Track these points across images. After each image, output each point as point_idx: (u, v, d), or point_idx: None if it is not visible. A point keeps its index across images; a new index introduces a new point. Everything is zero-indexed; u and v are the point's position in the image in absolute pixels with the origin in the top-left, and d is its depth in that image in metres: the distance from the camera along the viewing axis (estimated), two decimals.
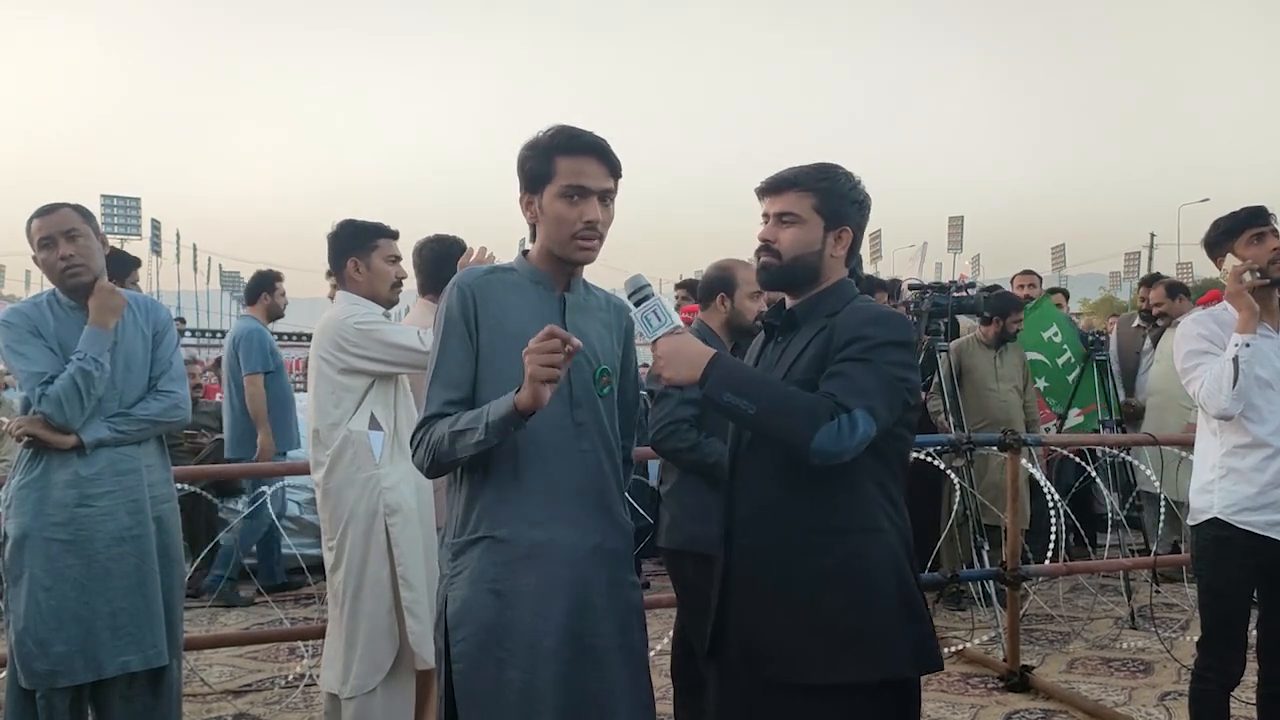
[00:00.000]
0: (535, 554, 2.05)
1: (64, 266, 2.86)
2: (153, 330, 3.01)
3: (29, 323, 2.88)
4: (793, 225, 2.10)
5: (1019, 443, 4.56)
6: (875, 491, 2.01)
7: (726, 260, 3.48)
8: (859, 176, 2.16)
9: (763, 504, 2.06)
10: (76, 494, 2.81)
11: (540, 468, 2.07)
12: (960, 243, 60.16)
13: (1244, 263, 2.90)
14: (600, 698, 2.05)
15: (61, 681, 2.79)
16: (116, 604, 2.83)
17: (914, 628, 2.01)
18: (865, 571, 1.98)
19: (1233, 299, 2.90)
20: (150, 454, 2.98)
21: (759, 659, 2.02)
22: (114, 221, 49.10)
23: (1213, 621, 3.01)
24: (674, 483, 3.26)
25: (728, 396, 1.94)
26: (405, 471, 3.07)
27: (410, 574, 3.07)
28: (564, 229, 2.09)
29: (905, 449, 2.12)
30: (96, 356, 2.82)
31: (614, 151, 2.12)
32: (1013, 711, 4.07)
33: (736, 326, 3.33)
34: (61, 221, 2.88)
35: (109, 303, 2.87)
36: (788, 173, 2.14)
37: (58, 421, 2.79)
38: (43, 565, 2.79)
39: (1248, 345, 2.84)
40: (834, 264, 2.13)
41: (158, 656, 2.89)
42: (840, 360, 1.97)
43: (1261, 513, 2.89)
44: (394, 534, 3.06)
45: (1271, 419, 2.90)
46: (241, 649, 4.76)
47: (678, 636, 3.42)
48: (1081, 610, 5.50)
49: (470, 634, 2.04)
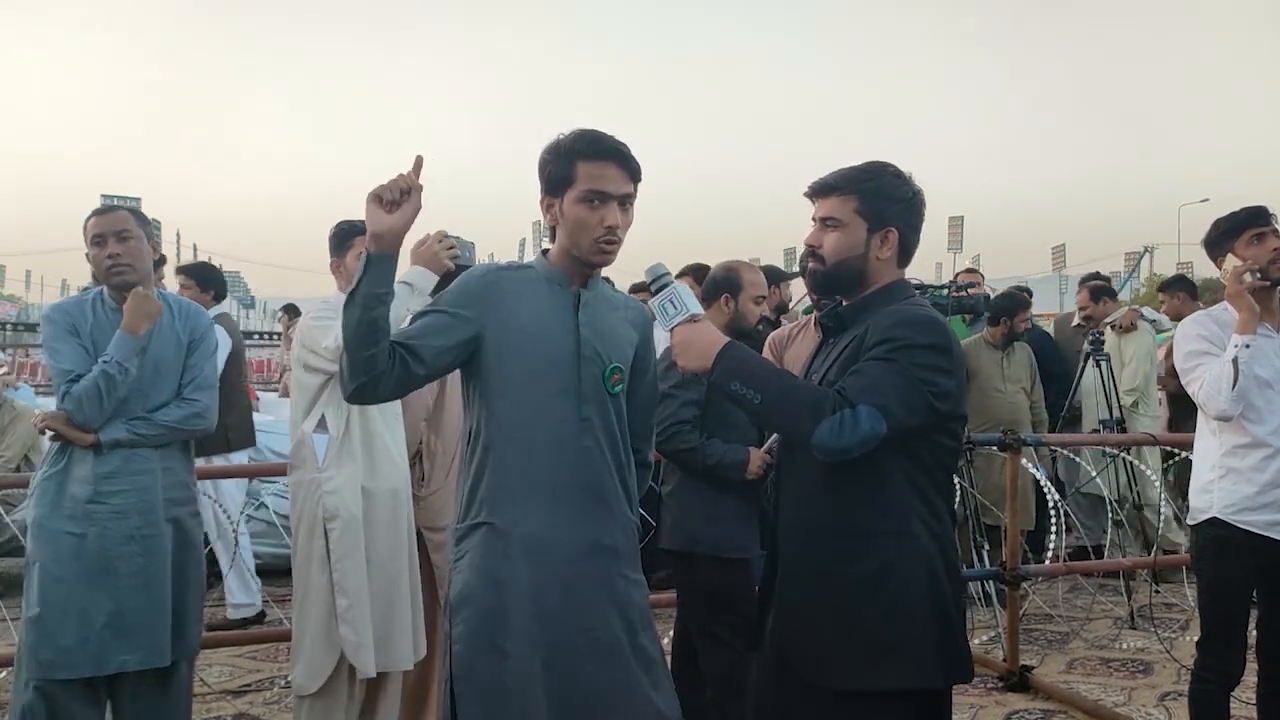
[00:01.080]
0: (533, 547, 2.08)
1: (110, 264, 2.94)
2: (189, 337, 3.05)
3: (68, 320, 2.96)
4: (835, 229, 2.09)
5: (1019, 443, 4.56)
6: (910, 496, 1.99)
7: (734, 262, 3.48)
8: (908, 173, 2.13)
9: (802, 506, 2.07)
10: (91, 490, 2.87)
11: (542, 461, 2.10)
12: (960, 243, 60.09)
13: (1244, 263, 2.89)
14: (597, 693, 2.06)
15: (61, 673, 2.82)
16: (121, 602, 2.85)
17: (945, 637, 1.99)
18: (899, 578, 1.97)
19: (1233, 300, 2.89)
20: (171, 457, 3.01)
21: (795, 660, 2.03)
22: None
23: (1212, 621, 3.01)
24: (675, 484, 3.26)
25: (735, 385, 1.95)
26: (348, 477, 3.02)
27: (346, 581, 3.00)
28: (585, 234, 2.11)
29: (946, 456, 2.06)
30: (122, 361, 2.86)
31: (634, 156, 2.14)
32: (1012, 711, 4.07)
33: (738, 329, 3.33)
34: (116, 222, 2.97)
35: (143, 308, 2.92)
36: (830, 177, 2.13)
37: (78, 420, 2.86)
38: (53, 556, 2.85)
39: (1247, 346, 2.84)
40: (881, 266, 2.10)
41: (158, 657, 2.90)
42: (865, 359, 1.97)
43: (1261, 512, 2.90)
44: (331, 540, 3.00)
45: (1271, 419, 2.90)
46: (241, 649, 4.76)
47: (678, 637, 3.42)
48: (1081, 610, 5.50)
49: (469, 616, 2.07)
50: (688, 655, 3.30)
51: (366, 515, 3.05)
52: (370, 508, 3.06)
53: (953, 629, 2.01)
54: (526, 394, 2.10)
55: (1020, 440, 4.57)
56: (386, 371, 1.98)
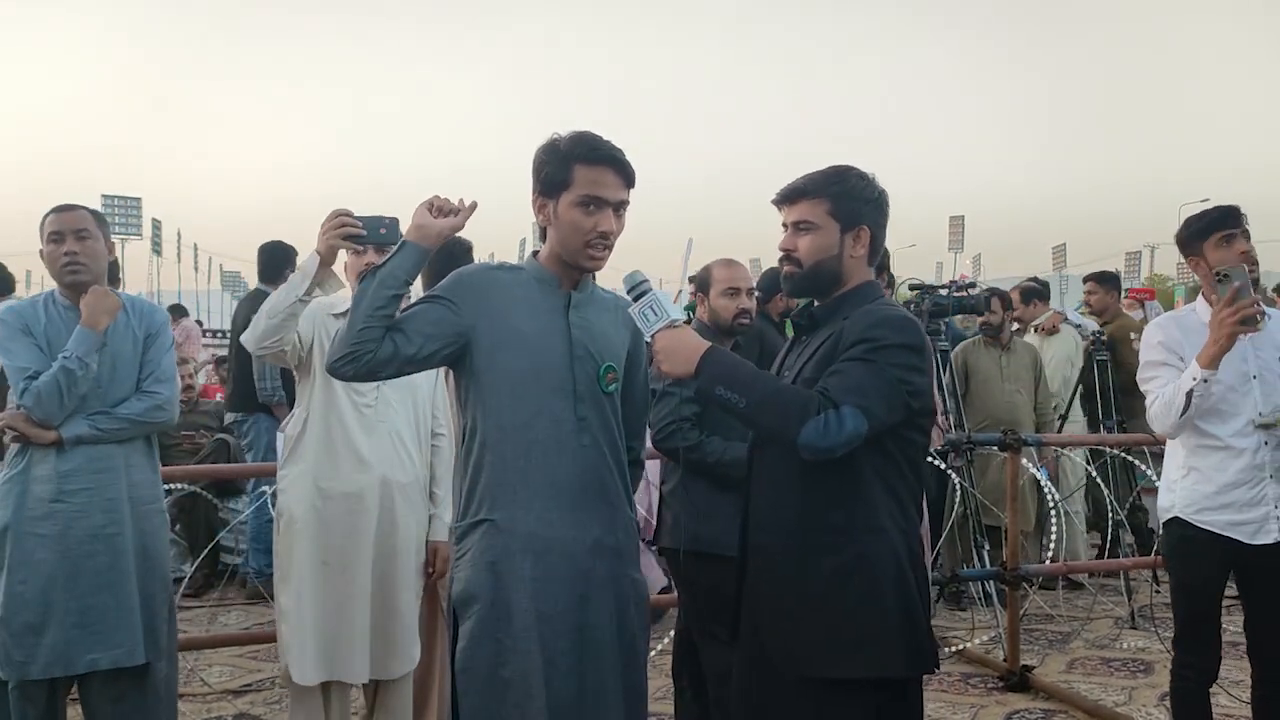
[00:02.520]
0: (534, 545, 2.08)
1: (66, 262, 2.91)
2: (145, 332, 3.03)
3: (20, 320, 2.93)
4: (809, 232, 2.14)
5: (1019, 443, 4.56)
6: (881, 492, 2.05)
7: (715, 260, 3.50)
8: (872, 174, 2.18)
9: (776, 502, 2.12)
10: (53, 489, 2.85)
11: (541, 461, 2.10)
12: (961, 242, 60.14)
13: (1250, 299, 2.72)
14: (595, 691, 2.08)
15: (33, 673, 2.82)
16: (86, 600, 2.84)
17: (910, 629, 2.05)
18: (870, 572, 2.03)
19: (1218, 328, 2.74)
20: (134, 454, 2.98)
21: (768, 650, 2.08)
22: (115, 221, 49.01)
23: (1185, 619, 3.02)
24: (676, 482, 3.25)
25: (720, 390, 1.98)
26: (296, 476, 3.02)
27: (288, 581, 3.01)
28: (577, 237, 2.12)
29: (915, 452, 2.13)
30: (82, 356, 2.84)
31: (630, 162, 2.15)
32: (1013, 711, 4.07)
33: (715, 325, 3.34)
34: (75, 221, 2.94)
35: (102, 304, 2.90)
36: (799, 182, 2.18)
37: (38, 417, 2.84)
38: (19, 558, 2.84)
39: (1205, 381, 2.77)
40: (854, 264, 2.16)
41: (127, 656, 2.88)
42: (844, 359, 2.01)
43: (1221, 512, 2.90)
44: (279, 537, 3.05)
45: (1234, 420, 2.89)
46: (241, 649, 4.75)
47: (679, 636, 3.42)
48: (1081, 610, 5.50)
49: (472, 612, 2.07)
50: (689, 655, 3.30)
51: (321, 517, 3.00)
52: (329, 510, 3.00)
53: (917, 621, 2.07)
54: (523, 392, 2.10)
55: (1020, 440, 4.57)
56: (375, 348, 2.02)
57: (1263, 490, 2.87)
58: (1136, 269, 61.85)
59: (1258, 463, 2.87)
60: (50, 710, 2.90)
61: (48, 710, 2.89)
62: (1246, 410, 2.88)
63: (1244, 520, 2.88)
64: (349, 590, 3.01)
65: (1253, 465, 2.87)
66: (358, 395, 3.03)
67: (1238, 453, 2.88)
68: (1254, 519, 2.87)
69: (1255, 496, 2.87)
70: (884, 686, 2.05)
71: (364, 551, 3.02)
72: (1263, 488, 2.87)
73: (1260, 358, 2.91)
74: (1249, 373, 2.89)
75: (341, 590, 3.01)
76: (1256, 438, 2.87)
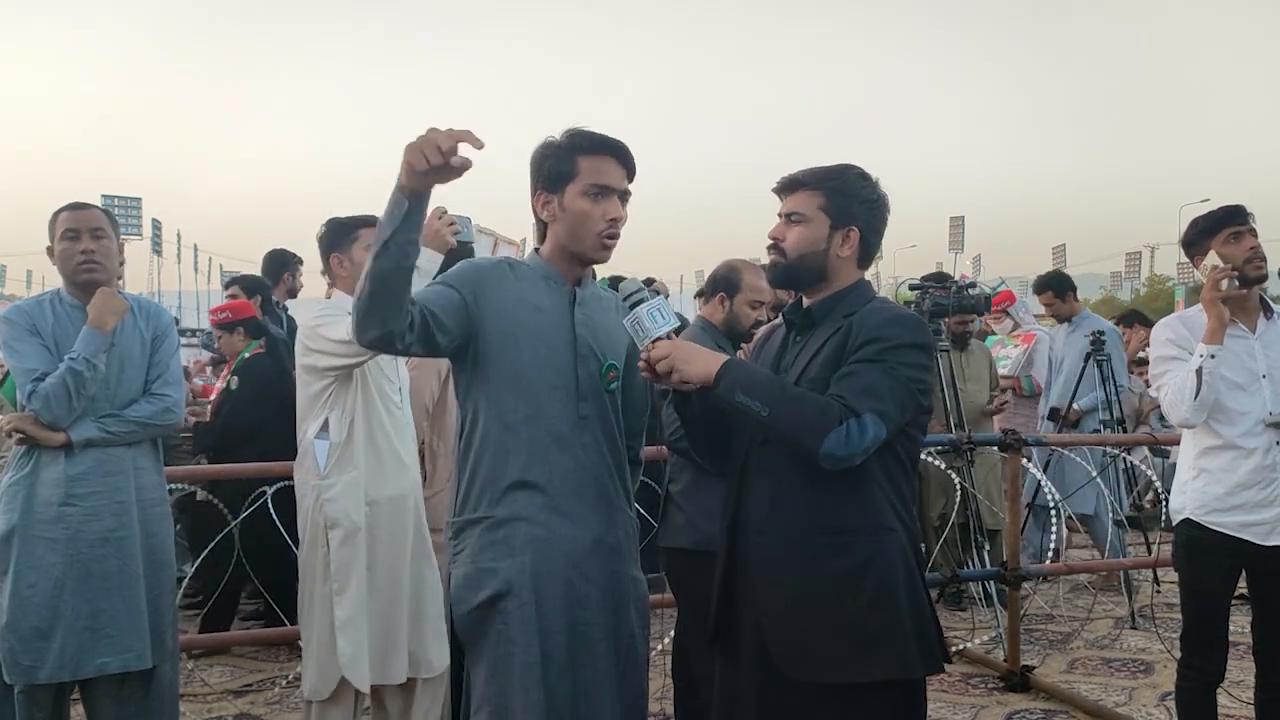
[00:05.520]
0: (534, 542, 2.08)
1: (82, 260, 2.89)
2: (152, 334, 3.02)
3: (28, 320, 2.90)
4: (799, 224, 2.13)
5: (1019, 443, 4.56)
6: (887, 490, 2.04)
7: (738, 261, 3.44)
8: (875, 177, 2.16)
9: (777, 503, 2.07)
10: (63, 492, 2.82)
11: (541, 458, 2.09)
12: (961, 242, 60.11)
13: (1223, 267, 2.86)
14: (588, 690, 2.07)
15: (40, 678, 2.79)
16: (96, 605, 2.82)
17: (922, 628, 2.03)
18: (879, 572, 2.01)
19: (1206, 305, 2.86)
20: (141, 456, 2.97)
21: (777, 656, 2.02)
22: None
23: (1192, 619, 3.03)
24: (686, 482, 3.21)
25: (740, 397, 1.95)
26: (349, 484, 2.96)
27: (346, 592, 2.95)
28: (588, 226, 2.11)
29: (915, 449, 2.14)
30: (90, 357, 2.82)
31: (631, 152, 2.15)
32: (1013, 711, 4.07)
33: (731, 330, 3.31)
34: (91, 219, 2.94)
35: (109, 305, 2.88)
36: (798, 173, 2.17)
37: (46, 419, 2.81)
38: (27, 562, 2.81)
39: (1213, 356, 2.82)
40: (841, 264, 2.13)
41: (137, 660, 2.87)
42: (855, 360, 1.99)
43: (1232, 514, 2.90)
44: (332, 548, 2.95)
45: (1242, 421, 2.89)
46: (242, 649, 4.75)
47: (679, 637, 3.41)
48: (1081, 610, 5.50)
49: (472, 608, 2.08)
50: (689, 655, 3.29)
51: (370, 524, 2.99)
52: (375, 516, 3.00)
53: (927, 620, 2.05)
54: (525, 388, 2.10)
55: (1021, 440, 4.57)
56: (409, 326, 1.95)
57: (1274, 491, 2.87)
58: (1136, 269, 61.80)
59: (1268, 463, 2.87)
60: (56, 714, 2.89)
61: (54, 714, 2.87)
62: (1256, 410, 2.89)
63: (1256, 521, 2.87)
64: (395, 594, 3.02)
65: (1263, 465, 2.87)
66: (389, 396, 3.05)
67: (1248, 453, 2.88)
68: (1266, 520, 2.87)
69: (1267, 497, 2.87)
70: (894, 687, 2.02)
71: (405, 553, 3.05)
72: (1274, 488, 2.87)
73: (1269, 357, 2.92)
74: (1258, 372, 2.90)
75: (388, 594, 3.01)
76: (1267, 437, 2.87)
